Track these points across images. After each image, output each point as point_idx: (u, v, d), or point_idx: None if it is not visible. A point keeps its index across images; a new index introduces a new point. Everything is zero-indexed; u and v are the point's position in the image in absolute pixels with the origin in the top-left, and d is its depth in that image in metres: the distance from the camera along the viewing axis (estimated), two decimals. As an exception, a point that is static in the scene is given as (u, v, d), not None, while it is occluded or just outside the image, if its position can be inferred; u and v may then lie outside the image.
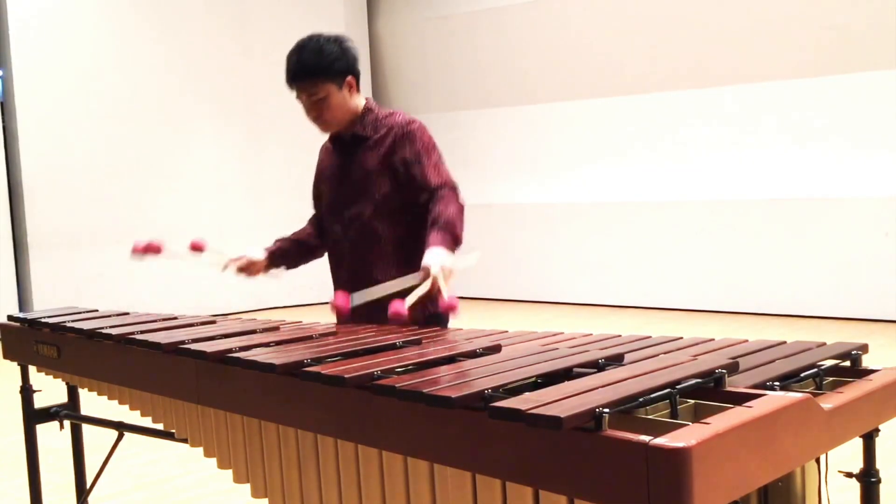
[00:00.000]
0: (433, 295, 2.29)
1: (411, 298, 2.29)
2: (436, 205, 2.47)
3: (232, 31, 9.86)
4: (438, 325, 2.61)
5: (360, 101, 2.66)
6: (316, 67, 2.54)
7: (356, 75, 2.62)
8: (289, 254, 2.89)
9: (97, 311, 3.04)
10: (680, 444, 1.20)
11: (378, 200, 2.58)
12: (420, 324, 2.43)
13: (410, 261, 2.55)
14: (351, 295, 2.44)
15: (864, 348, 1.84)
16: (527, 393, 1.47)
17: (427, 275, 2.28)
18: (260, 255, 2.85)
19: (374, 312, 2.61)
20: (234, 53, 9.88)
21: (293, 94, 2.65)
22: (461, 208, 2.50)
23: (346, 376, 1.68)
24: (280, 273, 2.91)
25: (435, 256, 2.32)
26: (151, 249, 2.80)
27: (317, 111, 2.60)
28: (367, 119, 2.65)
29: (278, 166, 10.14)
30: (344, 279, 2.69)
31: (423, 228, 2.54)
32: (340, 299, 2.43)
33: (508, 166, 10.04)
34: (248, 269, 2.84)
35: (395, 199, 2.58)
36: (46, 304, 8.00)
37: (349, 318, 2.48)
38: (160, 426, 2.40)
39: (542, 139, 9.85)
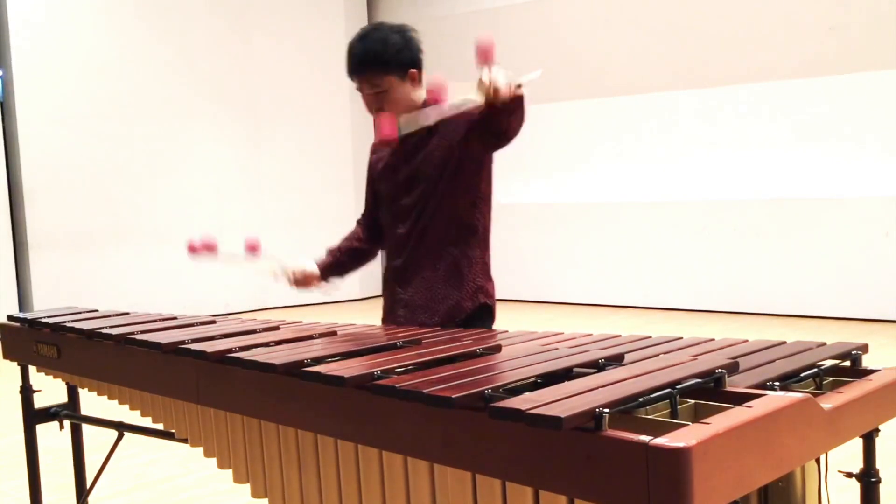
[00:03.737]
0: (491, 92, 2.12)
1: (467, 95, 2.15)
2: None
3: (232, 32, 9.86)
4: (481, 287, 2.57)
5: (422, 93, 2.56)
6: (379, 58, 2.44)
7: (420, 68, 2.52)
8: (342, 264, 2.82)
9: (97, 311, 3.04)
10: (680, 444, 1.20)
11: (441, 184, 2.48)
12: None
13: (472, 233, 2.54)
14: (398, 120, 2.27)
15: (864, 348, 1.84)
16: (527, 393, 1.47)
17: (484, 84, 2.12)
18: (314, 269, 2.79)
19: (414, 313, 2.57)
20: (235, 53, 9.88)
21: (354, 86, 2.52)
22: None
23: (346, 376, 1.68)
24: (333, 287, 2.84)
25: (495, 69, 2.14)
26: (207, 248, 2.73)
27: (378, 104, 2.49)
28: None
29: (280, 165, 10.14)
30: (397, 267, 2.60)
31: (482, 222, 2.53)
32: (387, 127, 2.22)
33: (508, 166, 9.97)
34: (304, 281, 2.79)
35: (458, 181, 2.48)
36: (46, 304, 8.00)
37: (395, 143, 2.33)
38: (160, 426, 2.40)
39: (542, 139, 9.84)
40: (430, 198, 2.52)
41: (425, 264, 2.55)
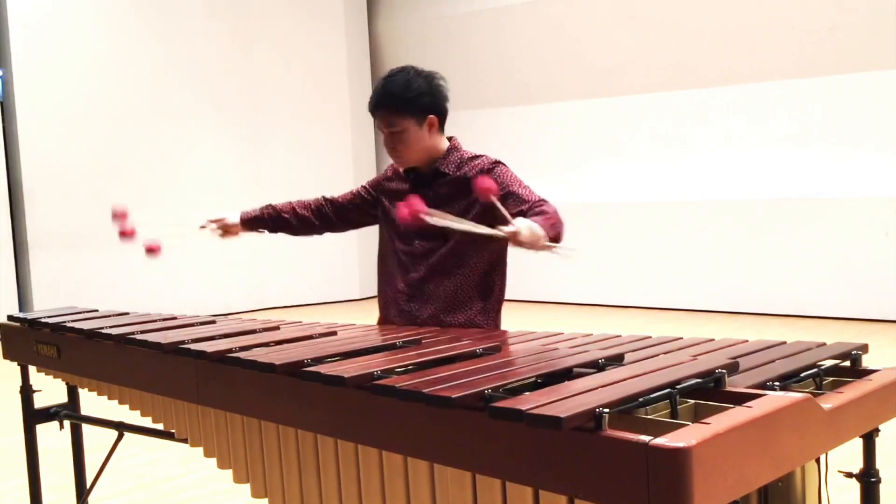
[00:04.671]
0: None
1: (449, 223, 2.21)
2: (537, 208, 2.40)
3: (232, 31, 9.86)
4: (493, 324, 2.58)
5: (442, 141, 2.59)
6: (398, 99, 2.48)
7: (441, 115, 2.55)
8: (265, 223, 2.91)
9: (97, 311, 3.04)
10: (680, 444, 1.20)
11: (458, 237, 2.49)
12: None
13: (487, 294, 2.56)
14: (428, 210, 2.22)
15: (864, 348, 1.84)
16: (527, 393, 1.47)
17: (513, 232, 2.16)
18: (235, 218, 2.92)
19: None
20: (235, 53, 9.88)
21: (373, 123, 2.56)
22: (560, 218, 2.43)
23: (346, 376, 1.68)
24: (260, 234, 2.98)
25: (528, 222, 2.20)
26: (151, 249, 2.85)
27: (392, 144, 2.53)
28: (450, 158, 2.58)
29: (279, 166, 10.14)
30: (402, 297, 2.59)
31: (502, 264, 2.57)
32: (417, 205, 2.17)
33: (508, 166, 10.02)
34: (225, 231, 2.93)
35: (474, 243, 2.49)
36: (46, 304, 8.00)
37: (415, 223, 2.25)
38: (160, 426, 2.40)
39: (542, 139, 9.85)
40: (446, 249, 2.53)
41: (434, 321, 2.53)
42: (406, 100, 2.48)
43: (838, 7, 7.76)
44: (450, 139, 2.63)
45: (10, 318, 3.08)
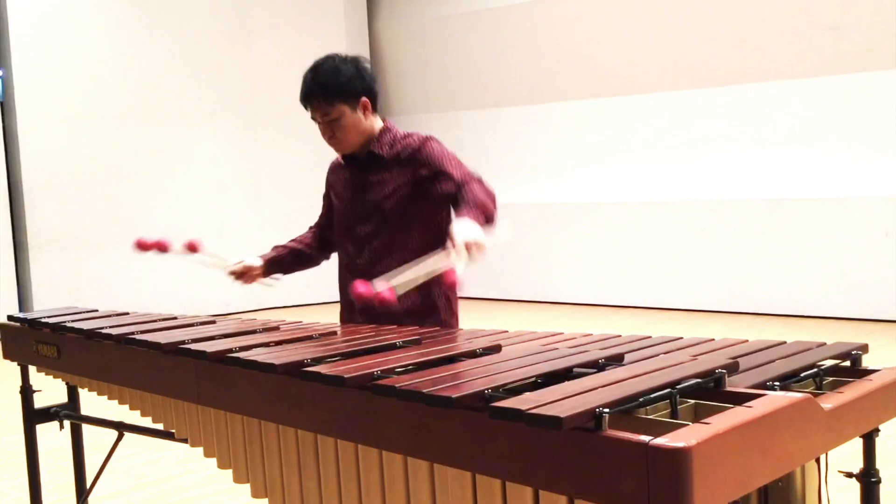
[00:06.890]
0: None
1: (406, 280, 2.18)
2: (465, 191, 2.44)
3: (232, 31, 9.86)
4: (445, 323, 2.61)
5: (376, 122, 2.64)
6: (330, 88, 2.52)
7: (372, 97, 2.60)
8: (284, 262, 2.94)
9: (97, 311, 3.04)
10: (680, 444, 1.20)
11: (396, 217, 2.56)
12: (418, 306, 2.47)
13: (429, 286, 2.50)
14: (371, 282, 2.15)
15: (864, 348, 1.84)
16: (527, 393, 1.47)
17: (451, 247, 2.12)
18: (257, 262, 2.89)
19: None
20: (235, 53, 9.88)
21: (308, 113, 2.62)
22: (491, 193, 2.45)
23: (346, 376, 1.68)
24: (275, 281, 2.97)
25: (462, 228, 2.17)
26: (158, 247, 2.85)
27: (330, 132, 2.59)
28: (384, 139, 2.63)
29: (279, 165, 10.14)
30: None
31: (443, 241, 2.54)
32: (362, 286, 2.11)
33: (508, 166, 10.04)
34: (245, 275, 2.89)
35: (413, 215, 2.56)
36: (46, 304, 8.00)
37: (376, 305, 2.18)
38: (160, 426, 2.40)
39: (542, 139, 9.85)
40: (386, 231, 2.58)
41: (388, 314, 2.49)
42: (338, 86, 2.52)
43: (838, 7, 7.76)
44: (383, 120, 2.67)
45: (10, 318, 3.08)
